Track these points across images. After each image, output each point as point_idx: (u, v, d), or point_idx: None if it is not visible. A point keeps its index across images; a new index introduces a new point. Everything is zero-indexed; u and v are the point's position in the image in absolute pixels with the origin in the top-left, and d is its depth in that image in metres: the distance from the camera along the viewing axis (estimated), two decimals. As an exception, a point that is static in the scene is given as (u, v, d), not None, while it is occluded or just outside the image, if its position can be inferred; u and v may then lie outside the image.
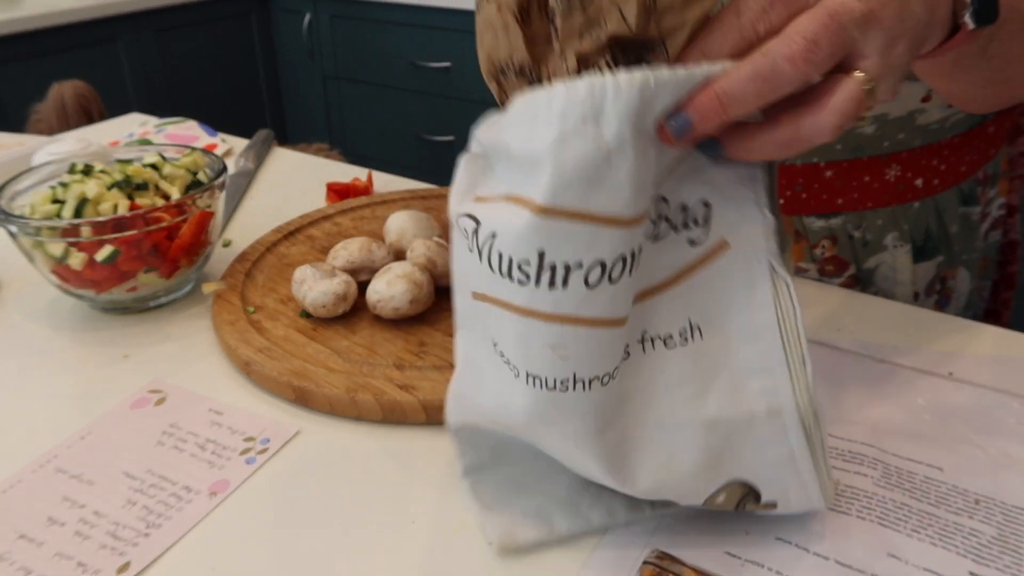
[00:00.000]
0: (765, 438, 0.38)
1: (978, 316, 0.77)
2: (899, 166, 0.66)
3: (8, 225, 0.58)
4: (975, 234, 0.72)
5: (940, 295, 0.72)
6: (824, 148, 0.65)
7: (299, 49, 2.77)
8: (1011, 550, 0.40)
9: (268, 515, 0.44)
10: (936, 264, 0.71)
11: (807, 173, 0.66)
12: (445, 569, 0.41)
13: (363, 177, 0.87)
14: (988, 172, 0.71)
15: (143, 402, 0.53)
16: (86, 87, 1.68)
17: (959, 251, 0.71)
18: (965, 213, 0.70)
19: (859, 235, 0.69)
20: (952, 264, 0.72)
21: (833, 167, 0.65)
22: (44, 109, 1.68)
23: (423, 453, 0.49)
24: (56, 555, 0.42)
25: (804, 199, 0.67)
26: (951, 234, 0.70)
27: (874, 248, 0.69)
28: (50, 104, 1.66)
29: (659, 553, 0.40)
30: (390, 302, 0.56)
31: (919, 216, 0.69)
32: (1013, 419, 0.50)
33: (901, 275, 0.70)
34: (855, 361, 0.55)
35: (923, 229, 0.69)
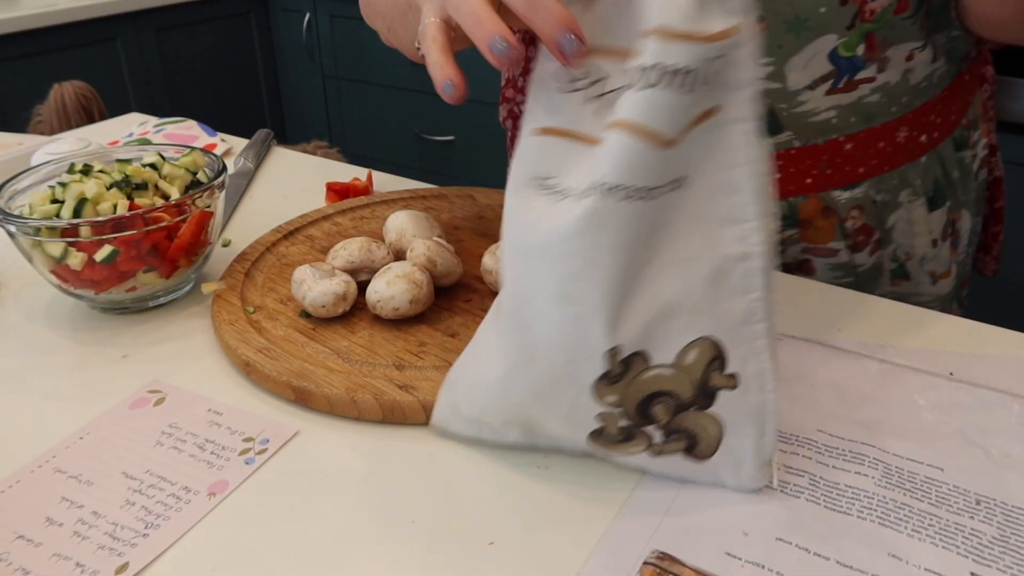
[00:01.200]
0: (736, 285, 0.41)
1: (976, 248, 0.84)
2: (906, 127, 0.71)
3: (7, 225, 0.58)
4: (971, 176, 0.77)
5: (952, 237, 0.78)
6: (842, 124, 0.69)
7: (299, 49, 2.77)
8: (1012, 550, 0.40)
9: (267, 516, 0.44)
10: (947, 210, 0.76)
11: (830, 150, 0.70)
12: (445, 569, 0.41)
13: (363, 177, 0.87)
14: (970, 118, 0.76)
15: (142, 402, 0.53)
16: (86, 87, 1.68)
17: (961, 194, 0.77)
18: (961, 158, 0.76)
19: (880, 198, 0.73)
20: (957, 207, 0.77)
21: (851, 139, 0.69)
22: (46, 110, 1.68)
23: (423, 453, 0.48)
24: (54, 555, 0.41)
25: (830, 175, 0.71)
26: (954, 180, 0.75)
27: (892, 207, 0.73)
28: (51, 105, 1.66)
29: (659, 553, 0.40)
30: (390, 302, 0.56)
31: (927, 170, 0.73)
32: (1014, 419, 0.50)
33: (918, 227, 0.74)
34: (855, 361, 0.55)
35: (932, 181, 0.74)
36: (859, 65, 0.67)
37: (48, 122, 1.67)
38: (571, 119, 0.42)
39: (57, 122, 1.65)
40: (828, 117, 0.69)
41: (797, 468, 0.46)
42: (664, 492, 0.45)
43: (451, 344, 0.56)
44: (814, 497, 0.44)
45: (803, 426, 0.49)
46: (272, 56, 2.84)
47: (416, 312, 0.57)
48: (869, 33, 0.65)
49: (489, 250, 0.61)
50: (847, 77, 0.67)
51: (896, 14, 0.64)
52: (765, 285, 0.41)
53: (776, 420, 0.43)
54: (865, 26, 0.65)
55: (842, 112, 0.69)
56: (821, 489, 0.44)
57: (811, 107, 0.68)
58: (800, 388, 0.53)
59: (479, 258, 0.63)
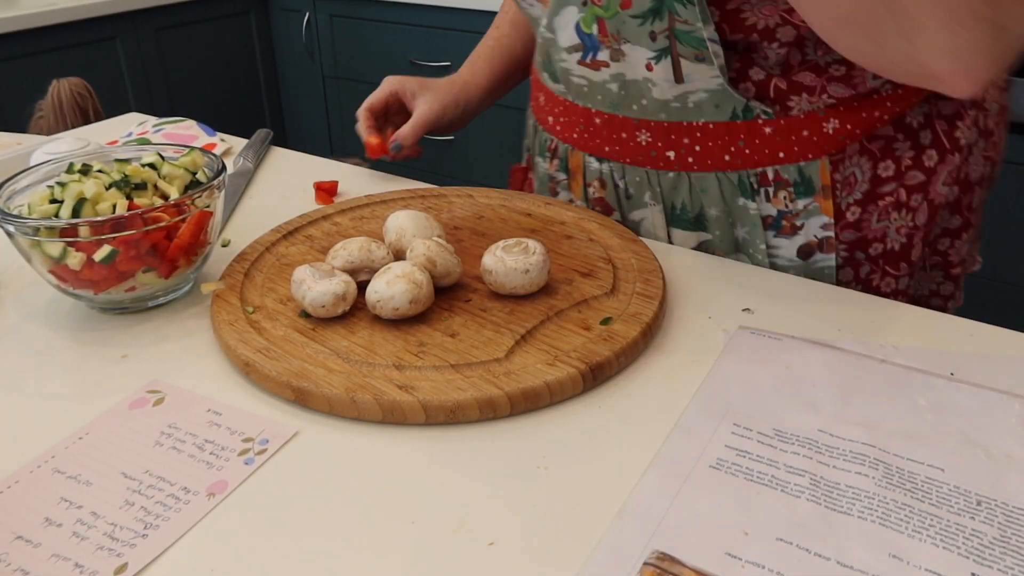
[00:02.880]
0: None
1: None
2: (648, 133, 0.70)
3: (6, 225, 0.58)
4: (757, 232, 0.69)
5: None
6: (591, 97, 0.72)
7: (299, 48, 2.77)
8: (1013, 551, 0.40)
9: (267, 516, 0.44)
10: (699, 239, 0.74)
11: (586, 115, 0.74)
12: (445, 569, 0.41)
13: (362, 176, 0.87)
14: (785, 176, 0.67)
15: (141, 402, 0.53)
16: (82, 84, 1.68)
17: (736, 240, 0.71)
18: (744, 206, 0.69)
19: (622, 186, 0.75)
20: (720, 247, 0.72)
21: (599, 116, 0.72)
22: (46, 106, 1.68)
23: (423, 453, 0.48)
24: (53, 556, 0.41)
25: (586, 139, 0.75)
26: (710, 217, 0.71)
27: (636, 203, 0.75)
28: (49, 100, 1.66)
29: (659, 554, 0.40)
30: (390, 302, 0.56)
31: (675, 186, 0.72)
32: (1014, 419, 0.49)
33: (659, 232, 0.75)
34: (855, 361, 0.55)
35: (680, 200, 0.72)
36: (596, 45, 0.68)
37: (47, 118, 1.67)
38: None
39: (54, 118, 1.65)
40: (581, 84, 0.72)
41: (797, 468, 0.46)
42: (664, 492, 0.45)
43: (451, 344, 0.56)
44: (814, 497, 0.44)
45: (803, 426, 0.49)
46: (272, 56, 2.84)
47: (416, 312, 0.57)
48: (601, 18, 0.66)
49: (489, 250, 0.61)
50: (592, 54, 0.69)
51: (623, 8, 0.64)
52: None
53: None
54: (595, 8, 0.66)
55: (592, 86, 0.71)
56: (821, 489, 0.44)
57: (569, 67, 0.72)
58: (800, 388, 0.53)
59: (479, 258, 0.63)
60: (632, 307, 0.59)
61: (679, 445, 0.48)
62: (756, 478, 0.45)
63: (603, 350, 0.54)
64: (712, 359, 0.56)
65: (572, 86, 0.73)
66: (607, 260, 0.66)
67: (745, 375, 0.54)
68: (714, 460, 0.47)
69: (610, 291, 0.62)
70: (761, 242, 0.70)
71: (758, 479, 0.45)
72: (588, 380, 0.53)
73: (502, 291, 0.60)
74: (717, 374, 0.55)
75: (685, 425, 0.50)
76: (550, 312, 0.59)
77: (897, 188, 0.69)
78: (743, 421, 0.50)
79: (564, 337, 0.56)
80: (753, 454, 0.47)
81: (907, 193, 0.69)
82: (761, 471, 0.46)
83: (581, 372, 0.52)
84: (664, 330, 0.60)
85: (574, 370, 0.52)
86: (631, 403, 0.52)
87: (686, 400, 0.52)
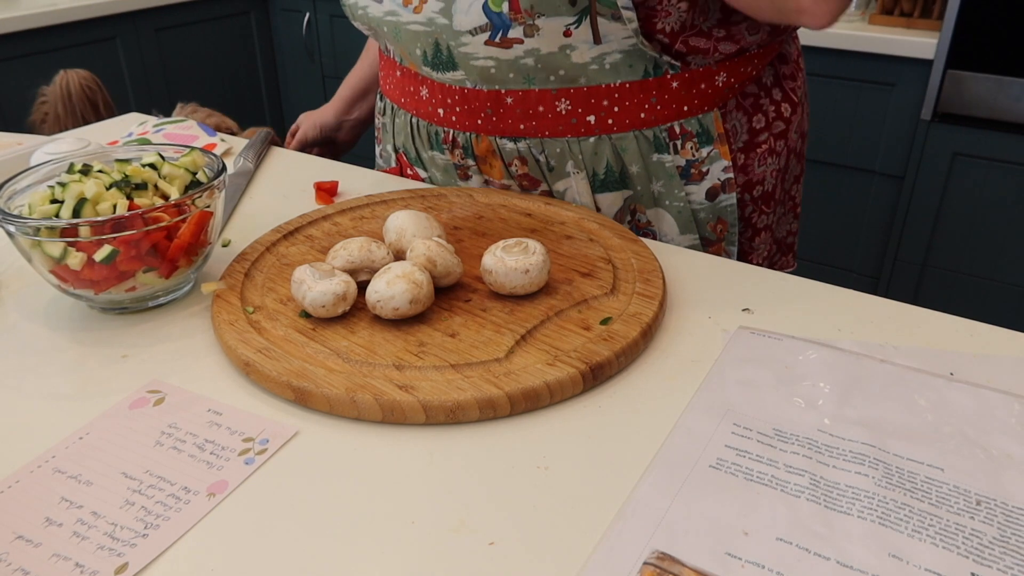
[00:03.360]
0: None
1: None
2: (568, 101, 0.73)
3: (6, 225, 0.58)
4: (674, 182, 0.78)
5: (631, 225, 0.81)
6: (502, 77, 0.73)
7: (298, 48, 2.77)
8: (1012, 551, 0.40)
9: (267, 516, 0.44)
10: (623, 197, 0.79)
11: (492, 98, 0.75)
12: (445, 569, 0.41)
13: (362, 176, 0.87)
14: (689, 129, 0.76)
15: (142, 402, 0.53)
16: (92, 78, 1.68)
17: (654, 193, 0.79)
18: (659, 160, 0.77)
19: (543, 159, 0.77)
20: (642, 202, 0.79)
21: (512, 95, 0.73)
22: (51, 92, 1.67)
23: (423, 453, 0.48)
24: (53, 556, 0.41)
25: (495, 122, 0.76)
26: (632, 174, 0.77)
27: (559, 174, 0.78)
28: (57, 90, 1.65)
29: (659, 554, 0.40)
30: (390, 302, 0.56)
31: (596, 150, 0.76)
32: (1014, 419, 0.49)
33: (583, 199, 0.78)
34: (855, 361, 0.55)
35: (603, 164, 0.77)
36: (507, 23, 0.69)
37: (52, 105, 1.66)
38: None
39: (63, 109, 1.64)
40: (488, 66, 0.73)
41: (797, 468, 0.46)
42: (664, 492, 0.45)
43: (451, 344, 0.56)
44: (814, 497, 0.44)
45: (803, 426, 0.49)
46: (272, 56, 2.84)
47: (416, 312, 0.57)
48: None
49: (489, 250, 0.61)
50: (501, 33, 0.70)
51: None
52: None
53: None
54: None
55: (500, 65, 0.72)
56: (821, 489, 0.44)
57: (473, 51, 0.72)
58: (800, 388, 0.53)
59: (479, 258, 0.63)
60: (632, 307, 0.59)
61: (679, 445, 0.48)
62: (756, 478, 0.45)
63: (603, 350, 0.54)
64: (712, 359, 0.56)
65: (474, 70, 0.73)
66: (607, 260, 0.67)
67: (745, 375, 0.54)
68: (714, 460, 0.47)
69: (610, 291, 0.62)
70: (679, 191, 0.78)
71: (758, 479, 0.45)
72: (588, 380, 0.53)
73: (502, 291, 0.60)
74: (717, 374, 0.55)
75: (685, 425, 0.50)
76: (550, 312, 0.59)
77: (768, 137, 0.82)
78: (743, 421, 0.50)
79: (564, 337, 0.56)
80: (753, 454, 0.47)
81: (774, 140, 0.82)
82: (761, 471, 0.46)
83: (581, 372, 0.52)
84: (664, 330, 0.60)
85: (574, 370, 0.52)
86: (631, 403, 0.52)
87: (686, 400, 0.52)
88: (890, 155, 1.85)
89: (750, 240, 0.85)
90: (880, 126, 1.83)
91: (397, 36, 0.77)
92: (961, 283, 1.86)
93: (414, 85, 0.81)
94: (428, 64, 0.76)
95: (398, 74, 0.84)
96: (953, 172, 1.77)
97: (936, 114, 1.75)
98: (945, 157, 1.76)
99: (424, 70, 0.78)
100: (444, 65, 0.75)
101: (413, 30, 0.75)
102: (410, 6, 0.74)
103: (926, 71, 1.72)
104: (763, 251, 0.87)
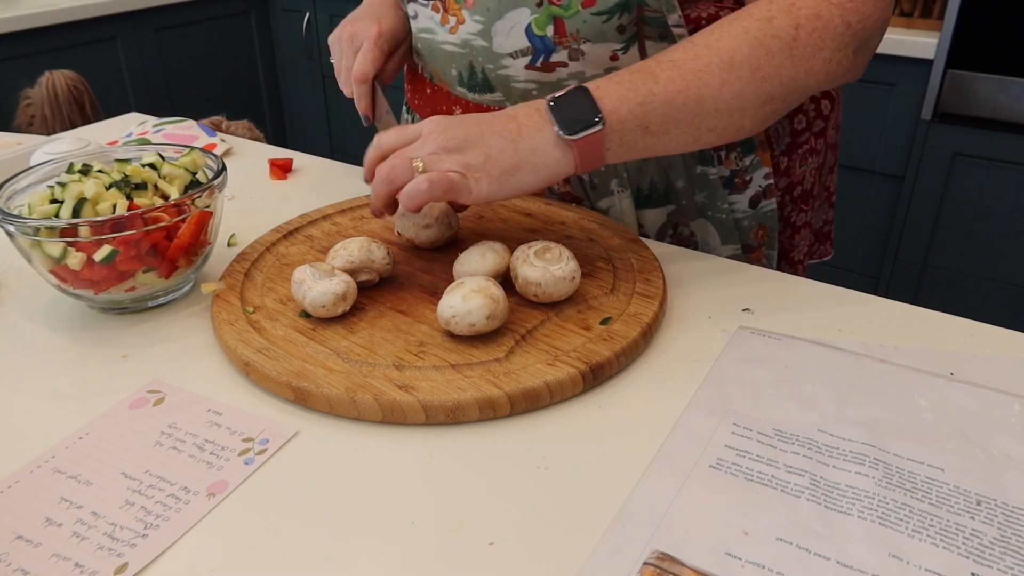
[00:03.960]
0: None
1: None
2: None
3: (6, 225, 0.58)
4: (718, 193, 0.77)
5: (673, 239, 0.80)
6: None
7: (299, 48, 2.77)
8: (1013, 551, 0.40)
9: (267, 516, 0.44)
10: (667, 212, 0.78)
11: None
12: (445, 569, 0.41)
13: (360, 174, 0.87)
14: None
15: (142, 402, 0.53)
16: (78, 78, 1.67)
17: (698, 205, 0.78)
18: (703, 172, 0.76)
19: (587, 178, 0.76)
20: (686, 214, 0.78)
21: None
22: (35, 95, 1.67)
23: (423, 453, 0.48)
24: (53, 556, 0.41)
25: None
26: (678, 187, 0.76)
27: (602, 192, 0.77)
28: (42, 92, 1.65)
29: (659, 554, 0.40)
30: (466, 318, 0.54)
31: (642, 167, 0.75)
32: (1014, 419, 0.49)
33: (627, 217, 0.77)
34: (855, 361, 0.55)
35: (647, 180, 0.76)
36: (551, 47, 0.68)
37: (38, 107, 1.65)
38: None
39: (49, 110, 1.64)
40: (529, 88, 0.72)
41: (797, 468, 0.46)
42: (664, 492, 0.45)
43: (451, 344, 0.56)
44: (814, 497, 0.44)
45: (803, 426, 0.49)
46: (272, 56, 2.84)
47: (492, 328, 0.55)
48: (559, 18, 0.66)
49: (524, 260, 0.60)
50: (543, 57, 0.69)
51: (585, 7, 0.65)
52: None
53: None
54: (553, 9, 0.66)
55: (543, 88, 0.71)
56: (821, 489, 0.44)
57: (513, 73, 0.71)
58: (800, 388, 0.53)
59: (479, 258, 0.63)
60: (632, 307, 0.59)
61: (679, 445, 0.48)
62: (756, 478, 0.45)
63: (603, 350, 0.54)
64: (712, 359, 0.56)
65: (514, 92, 0.73)
66: (607, 260, 0.66)
67: (745, 375, 0.54)
68: (714, 460, 0.47)
69: (610, 291, 0.62)
70: (722, 202, 0.77)
71: (758, 479, 0.45)
72: (588, 380, 0.53)
73: (547, 300, 0.59)
74: (717, 374, 0.55)
75: (685, 425, 0.50)
76: (550, 312, 0.59)
77: (809, 137, 0.81)
78: (743, 421, 0.50)
79: (564, 337, 0.56)
80: (753, 454, 0.47)
81: (815, 139, 0.81)
82: (761, 471, 0.46)
83: (581, 372, 0.52)
84: (664, 330, 0.60)
85: (574, 370, 0.52)
86: (631, 403, 0.52)
87: (686, 400, 0.52)
88: (890, 155, 1.85)
89: (790, 239, 0.85)
90: (880, 126, 1.83)
91: (432, 54, 0.76)
92: (961, 283, 1.86)
93: (447, 104, 0.79)
94: (463, 85, 0.75)
95: (428, 91, 0.82)
96: (953, 172, 1.77)
97: (936, 114, 1.75)
98: (945, 157, 1.76)
99: (458, 90, 0.76)
100: (480, 87, 0.74)
101: (448, 50, 0.74)
102: (446, 25, 0.72)
103: (926, 71, 1.72)
104: (803, 247, 0.87)
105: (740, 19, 0.62)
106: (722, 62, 0.60)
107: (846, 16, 0.62)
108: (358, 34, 0.78)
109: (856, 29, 0.63)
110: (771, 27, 0.61)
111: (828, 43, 0.62)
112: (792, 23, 0.61)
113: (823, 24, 0.62)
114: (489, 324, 0.55)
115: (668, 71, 0.60)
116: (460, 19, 0.71)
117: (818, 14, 0.62)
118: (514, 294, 0.61)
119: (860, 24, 0.63)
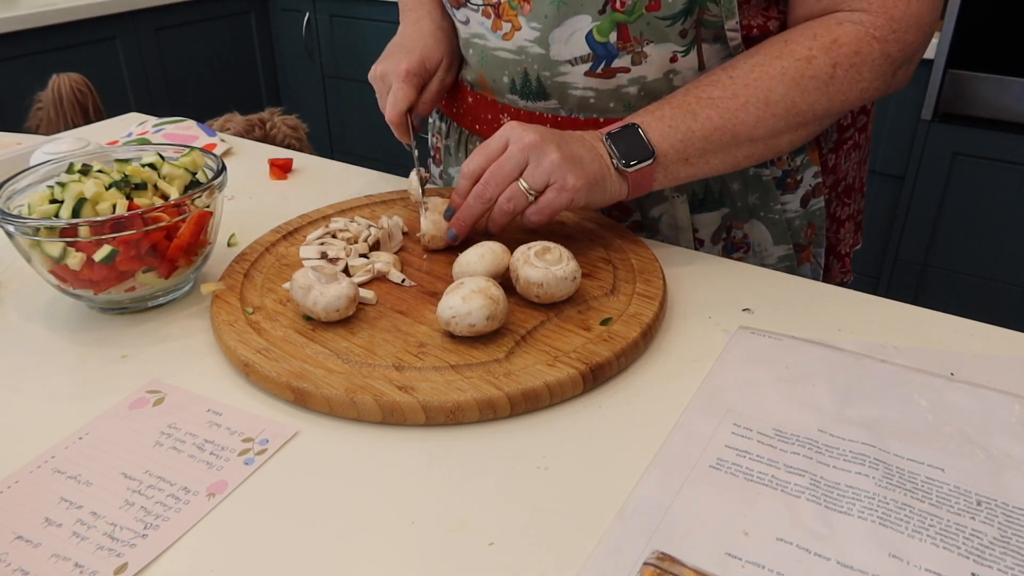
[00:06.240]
0: None
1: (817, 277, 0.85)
2: None
3: (6, 225, 0.58)
4: (771, 194, 0.77)
5: (727, 243, 0.80)
6: (601, 106, 0.72)
7: (298, 48, 2.77)
8: (1013, 551, 0.40)
9: (266, 516, 0.44)
10: (721, 215, 0.78)
11: (591, 127, 0.73)
12: (445, 569, 0.41)
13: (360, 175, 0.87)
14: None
15: (141, 402, 0.53)
16: (83, 80, 1.68)
17: (751, 206, 0.78)
18: (756, 174, 0.76)
19: None
20: (740, 217, 0.78)
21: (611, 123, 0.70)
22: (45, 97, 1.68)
23: (422, 454, 0.48)
24: (53, 556, 0.41)
25: None
26: (733, 190, 0.76)
27: (655, 199, 0.77)
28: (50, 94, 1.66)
29: (659, 554, 0.40)
30: (465, 318, 0.54)
31: None
32: (1014, 419, 0.49)
33: (682, 222, 0.77)
34: (855, 361, 0.55)
35: (703, 184, 0.76)
36: (613, 53, 0.68)
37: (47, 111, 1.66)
38: None
39: (54, 112, 1.65)
40: (587, 95, 0.71)
41: (797, 468, 0.46)
42: (664, 492, 0.45)
43: (451, 345, 0.56)
44: (814, 497, 0.44)
45: (803, 426, 0.49)
46: (272, 56, 2.83)
47: (492, 329, 0.56)
48: (622, 23, 0.66)
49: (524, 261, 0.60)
50: (604, 63, 0.69)
51: (650, 10, 0.65)
52: None
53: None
54: (616, 15, 0.66)
55: (601, 95, 0.71)
56: (821, 489, 0.44)
57: (571, 80, 0.71)
58: (800, 388, 0.53)
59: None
60: (632, 308, 0.59)
61: (679, 445, 0.48)
62: (756, 478, 0.45)
63: (603, 351, 0.54)
64: (712, 359, 0.56)
65: (571, 99, 0.72)
66: (607, 260, 0.66)
67: (745, 375, 0.54)
68: (714, 460, 0.47)
69: (610, 291, 0.62)
70: (775, 202, 0.77)
71: (758, 479, 0.45)
72: (588, 381, 0.53)
73: (549, 300, 0.59)
74: (717, 374, 0.55)
75: (685, 425, 0.50)
76: (550, 313, 0.59)
77: (853, 132, 0.82)
78: (743, 421, 0.50)
79: (564, 338, 0.56)
80: (753, 454, 0.47)
81: (858, 134, 0.82)
82: (761, 471, 0.46)
83: (581, 373, 0.52)
84: (664, 330, 0.60)
85: (574, 371, 0.52)
86: (631, 403, 0.52)
87: (686, 400, 0.52)
88: (891, 155, 1.85)
89: (836, 232, 0.85)
90: (880, 126, 1.83)
91: (483, 61, 0.75)
92: (961, 283, 1.86)
93: (492, 113, 0.79)
94: (515, 92, 0.75)
95: (470, 100, 0.81)
96: (953, 172, 1.77)
97: (936, 114, 1.74)
98: (945, 157, 1.76)
99: (508, 97, 0.76)
100: (534, 95, 0.73)
101: (501, 57, 0.73)
102: (499, 31, 0.71)
103: (926, 71, 1.72)
104: (848, 240, 0.88)
105: (781, 57, 0.64)
106: (758, 101, 0.64)
107: (887, 48, 0.64)
108: (387, 74, 0.79)
109: (896, 58, 0.65)
110: (809, 68, 0.64)
111: (865, 75, 0.64)
112: (831, 62, 0.64)
113: (861, 60, 0.64)
114: (489, 325, 0.55)
115: (707, 109, 0.64)
116: (516, 25, 0.70)
117: (858, 51, 0.63)
118: (514, 295, 0.61)
119: (901, 53, 0.65)
